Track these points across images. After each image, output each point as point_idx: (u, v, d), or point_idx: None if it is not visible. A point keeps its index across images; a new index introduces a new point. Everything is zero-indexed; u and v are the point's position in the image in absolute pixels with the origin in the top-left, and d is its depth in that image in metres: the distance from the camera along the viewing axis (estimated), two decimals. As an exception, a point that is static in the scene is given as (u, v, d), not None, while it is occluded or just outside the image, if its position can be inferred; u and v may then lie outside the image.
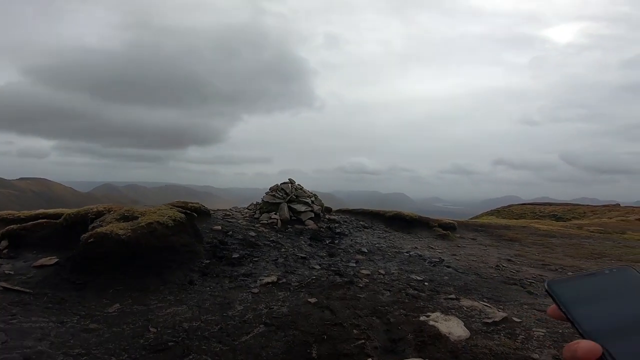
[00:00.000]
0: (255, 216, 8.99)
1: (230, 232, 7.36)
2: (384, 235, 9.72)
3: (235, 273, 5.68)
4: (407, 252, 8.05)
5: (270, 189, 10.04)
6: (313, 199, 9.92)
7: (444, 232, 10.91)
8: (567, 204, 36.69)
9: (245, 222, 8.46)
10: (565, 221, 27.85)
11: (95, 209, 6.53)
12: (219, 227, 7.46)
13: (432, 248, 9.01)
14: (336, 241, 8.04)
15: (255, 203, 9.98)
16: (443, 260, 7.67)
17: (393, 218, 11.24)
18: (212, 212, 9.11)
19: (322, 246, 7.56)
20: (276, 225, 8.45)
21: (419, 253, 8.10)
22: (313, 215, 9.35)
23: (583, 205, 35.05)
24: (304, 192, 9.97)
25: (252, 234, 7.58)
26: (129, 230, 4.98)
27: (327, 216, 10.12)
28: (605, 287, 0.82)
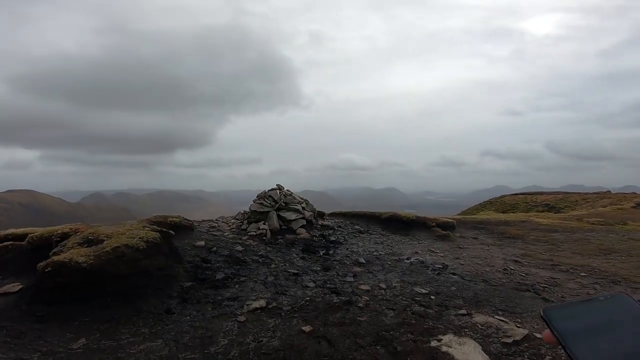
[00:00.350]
0: (242, 227, 8.34)
1: (215, 248, 6.69)
2: (381, 239, 9.17)
3: (220, 297, 5.03)
4: (407, 259, 7.49)
5: (257, 196, 9.38)
6: (304, 204, 9.31)
7: (444, 232, 10.42)
8: (558, 193, 36.80)
9: (232, 235, 7.79)
10: (558, 211, 27.79)
11: (60, 231, 5.82)
12: (203, 243, 6.78)
13: (433, 252, 8.48)
14: (331, 251, 7.43)
15: (242, 212, 9.32)
16: (447, 266, 7.14)
17: (389, 220, 10.72)
18: (196, 224, 8.42)
19: (316, 258, 6.94)
20: (265, 236, 7.81)
21: (421, 259, 7.56)
22: (305, 223, 8.77)
23: (574, 193, 35.16)
24: (294, 198, 9.36)
25: (239, 248, 6.91)
26: (91, 257, 4.31)
27: (320, 222, 9.53)
28: (599, 314, 0.84)
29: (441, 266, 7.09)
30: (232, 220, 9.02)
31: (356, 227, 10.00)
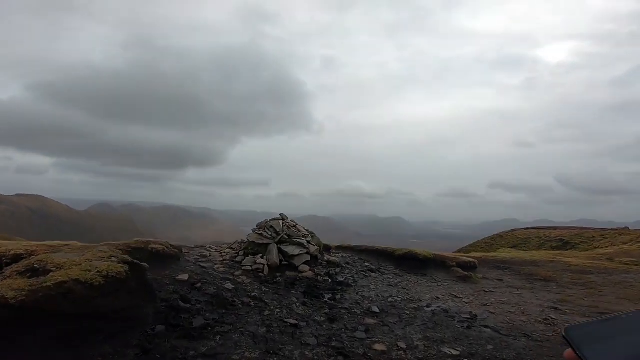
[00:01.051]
0: (237, 259, 7.27)
1: (200, 284, 5.57)
2: (396, 281, 7.96)
3: (192, 353, 3.89)
4: (428, 307, 6.27)
5: (257, 225, 8.33)
6: (309, 238, 8.27)
7: (465, 273, 9.16)
8: (572, 228, 34.93)
9: (223, 268, 6.67)
10: (574, 247, 26.01)
11: (13, 252, 4.82)
12: (186, 277, 5.68)
13: (456, 297, 7.24)
14: (338, 296, 6.24)
15: (240, 242, 8.30)
16: (476, 316, 5.91)
17: (404, 258, 9.56)
18: (185, 251, 7.35)
19: (320, 305, 5.74)
20: (262, 272, 6.69)
21: (444, 307, 6.34)
22: (309, 259, 7.71)
23: (589, 228, 33.28)
24: (298, 230, 8.29)
25: (229, 286, 5.77)
26: (25, 292, 3.30)
27: (326, 257, 8.43)
28: (622, 332, 0.86)
29: (469, 316, 5.87)
30: (227, 250, 7.96)
31: (366, 264, 8.87)
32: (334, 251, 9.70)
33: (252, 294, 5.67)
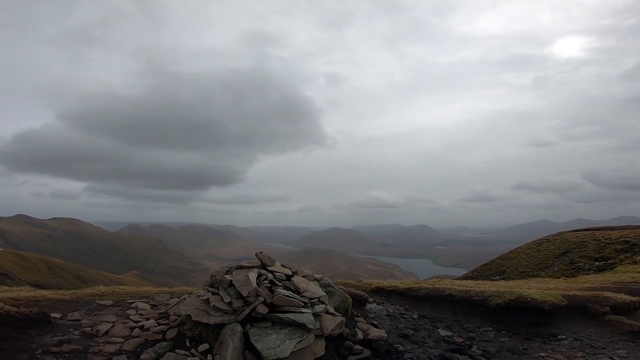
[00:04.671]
0: (153, 351, 4.04)
1: None
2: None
3: None
4: None
5: (210, 277, 5.03)
6: (321, 295, 4.90)
7: (636, 323, 5.75)
8: (634, 227, 30.33)
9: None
10: None
11: None
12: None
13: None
14: None
15: (185, 302, 4.92)
16: None
17: (507, 309, 6.16)
18: (61, 318, 4.91)
19: None
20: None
21: None
22: (321, 351, 4.28)
23: None
24: (297, 288, 4.66)
25: None
26: None
27: (359, 333, 5.06)
28: None
29: None
30: (149, 322, 4.74)
31: (441, 332, 5.85)
32: (371, 303, 6.79)
33: None
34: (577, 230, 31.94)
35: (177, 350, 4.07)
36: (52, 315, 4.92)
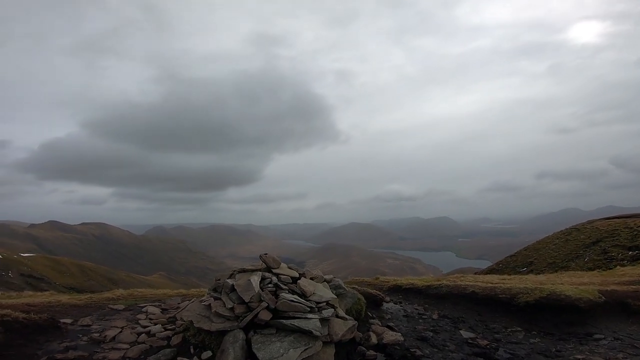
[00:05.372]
0: (160, 358, 3.95)
1: None
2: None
3: None
4: None
5: (215, 280, 4.82)
6: (330, 299, 4.50)
7: None
8: None
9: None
10: None
11: None
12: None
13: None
14: None
15: (198, 299, 4.97)
16: None
17: (537, 308, 5.64)
18: (71, 324, 4.85)
19: None
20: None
21: None
22: (325, 355, 3.97)
23: None
24: (305, 285, 4.43)
25: None
26: None
27: (372, 337, 4.69)
28: None
29: None
30: (155, 327, 4.69)
31: (463, 333, 5.38)
32: (388, 303, 6.42)
33: None
34: (608, 218, 30.24)
35: (179, 358, 3.92)
36: (63, 320, 4.90)
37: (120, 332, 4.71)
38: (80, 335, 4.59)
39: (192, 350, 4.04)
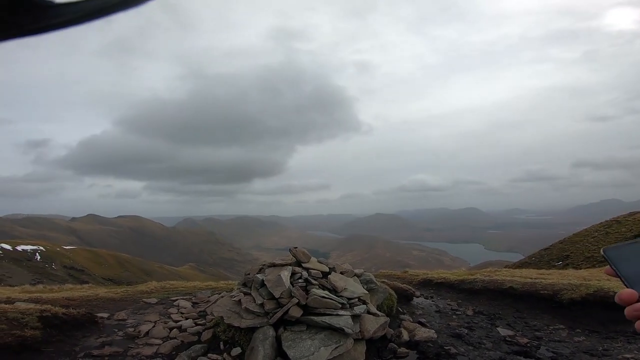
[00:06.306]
0: (192, 355, 3.91)
1: None
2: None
3: None
4: None
5: (245, 275, 4.77)
6: (362, 294, 4.38)
7: None
8: None
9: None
10: None
11: None
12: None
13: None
14: None
15: (230, 292, 5.01)
16: None
17: (582, 305, 5.25)
18: (110, 318, 4.92)
19: None
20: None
21: None
22: (356, 352, 3.82)
23: None
24: (336, 280, 4.31)
25: None
26: None
27: (404, 334, 4.50)
28: None
29: None
30: (187, 322, 4.71)
31: (500, 330, 5.08)
32: (418, 298, 6.19)
33: None
34: (653, 210, 28.13)
35: (209, 355, 3.93)
36: (100, 315, 5.08)
37: (154, 326, 4.81)
38: (116, 330, 4.73)
39: (222, 347, 4.05)
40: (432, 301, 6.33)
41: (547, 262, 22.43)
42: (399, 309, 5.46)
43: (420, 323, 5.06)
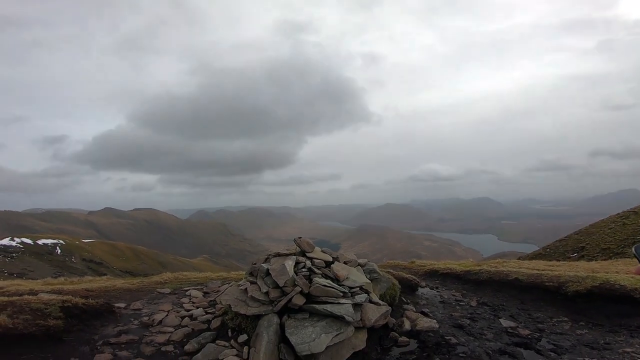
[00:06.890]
0: (201, 342, 4.11)
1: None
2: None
3: None
4: None
5: (252, 265, 4.97)
6: (364, 283, 4.51)
7: None
8: None
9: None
10: None
11: None
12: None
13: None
14: None
15: (223, 296, 4.95)
16: None
17: (588, 297, 5.18)
18: (126, 308, 5.15)
19: None
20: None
21: None
22: (361, 344, 3.94)
23: None
24: (338, 270, 4.47)
25: None
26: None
27: (406, 323, 4.65)
28: None
29: None
30: (197, 311, 4.97)
31: (502, 321, 5.15)
32: (424, 288, 6.30)
33: None
34: (674, 200, 27.21)
35: (218, 342, 4.18)
36: (117, 305, 5.39)
37: (167, 315, 5.11)
38: (132, 319, 5.03)
39: (229, 334, 4.29)
40: (437, 292, 6.42)
41: (562, 253, 22.08)
42: (403, 298, 5.57)
43: (423, 313, 5.17)
